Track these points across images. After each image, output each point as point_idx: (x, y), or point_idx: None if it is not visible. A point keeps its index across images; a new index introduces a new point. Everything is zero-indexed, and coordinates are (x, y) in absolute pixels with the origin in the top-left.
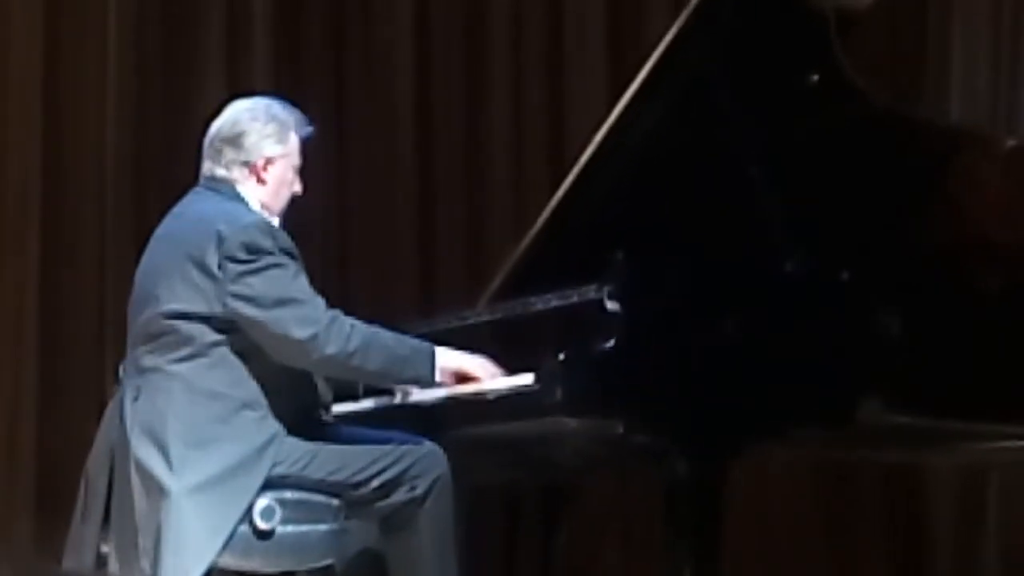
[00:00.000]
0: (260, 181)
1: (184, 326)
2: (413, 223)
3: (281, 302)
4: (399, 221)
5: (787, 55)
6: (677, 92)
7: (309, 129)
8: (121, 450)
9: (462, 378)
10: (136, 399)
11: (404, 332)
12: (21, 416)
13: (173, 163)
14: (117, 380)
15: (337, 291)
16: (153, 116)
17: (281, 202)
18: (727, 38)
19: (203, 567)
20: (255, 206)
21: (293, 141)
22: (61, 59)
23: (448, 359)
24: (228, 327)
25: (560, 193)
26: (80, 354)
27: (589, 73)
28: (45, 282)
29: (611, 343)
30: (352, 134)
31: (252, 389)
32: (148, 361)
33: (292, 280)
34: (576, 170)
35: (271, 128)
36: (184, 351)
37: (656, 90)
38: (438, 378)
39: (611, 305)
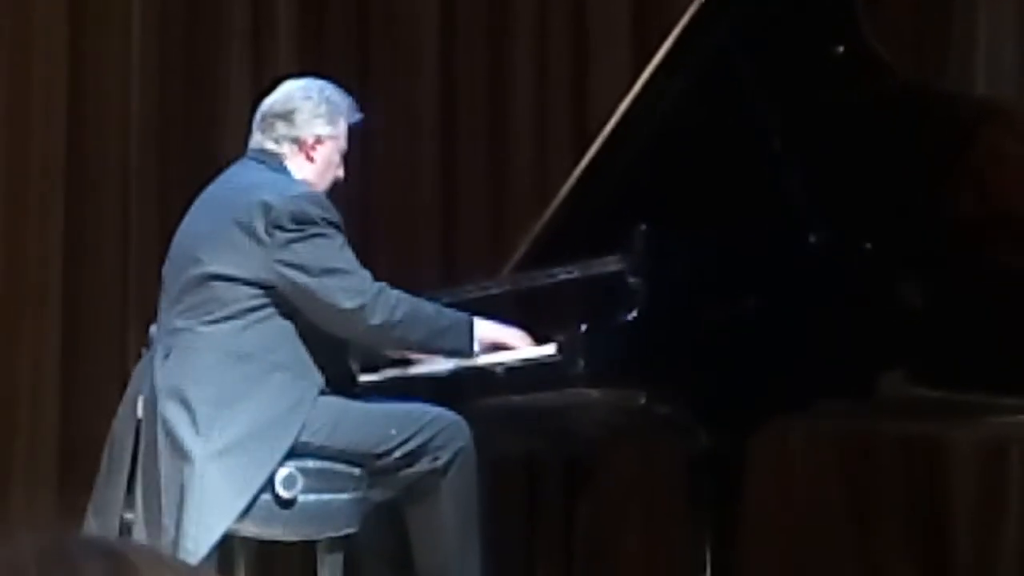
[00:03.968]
0: (309, 159)
1: (223, 288)
2: (436, 194)
3: (329, 271)
4: (422, 192)
5: (812, 27)
6: (701, 64)
7: (359, 116)
8: (149, 409)
9: (498, 349)
10: (167, 358)
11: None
12: (44, 382)
13: (196, 137)
14: (148, 340)
15: (360, 260)
16: (176, 91)
17: (325, 183)
18: (751, 9)
19: (225, 526)
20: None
21: (342, 125)
22: (85, 38)
23: (486, 331)
24: (268, 293)
25: (583, 164)
26: (103, 323)
27: (613, 44)
28: (68, 253)
29: (633, 314)
30: (375, 106)
31: (284, 353)
32: (181, 321)
33: (339, 251)
34: (599, 141)
35: (323, 108)
36: (219, 313)
37: (680, 62)
38: (476, 349)
39: (633, 276)
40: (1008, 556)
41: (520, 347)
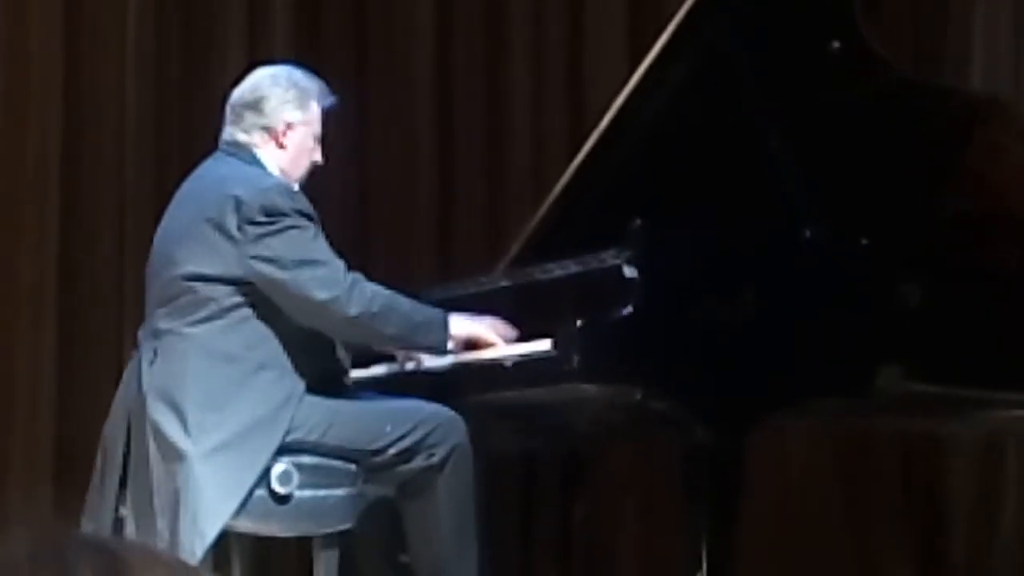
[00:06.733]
0: (280, 146)
1: (202, 288)
2: (432, 190)
3: (302, 263)
4: (419, 188)
5: (808, 22)
6: (697, 59)
7: (331, 99)
8: (137, 413)
9: (476, 344)
10: (153, 362)
11: (421, 297)
12: (40, 381)
13: (193, 128)
14: (136, 341)
15: (356, 256)
16: (172, 83)
17: (300, 170)
18: (747, 5)
19: (218, 527)
20: (274, 171)
21: (314, 109)
22: (81, 28)
23: (460, 327)
24: (246, 290)
25: (579, 159)
26: (98, 319)
27: (610, 39)
28: (64, 249)
29: (629, 309)
30: (372, 100)
31: (268, 351)
32: (165, 323)
33: (312, 241)
34: (595, 137)
35: (292, 94)
36: (201, 313)
37: (676, 57)
38: (450, 346)
39: (629, 271)
40: (1005, 552)
41: (496, 338)
